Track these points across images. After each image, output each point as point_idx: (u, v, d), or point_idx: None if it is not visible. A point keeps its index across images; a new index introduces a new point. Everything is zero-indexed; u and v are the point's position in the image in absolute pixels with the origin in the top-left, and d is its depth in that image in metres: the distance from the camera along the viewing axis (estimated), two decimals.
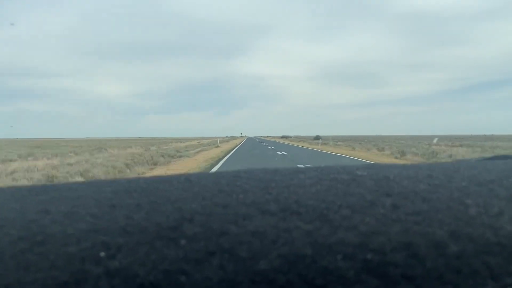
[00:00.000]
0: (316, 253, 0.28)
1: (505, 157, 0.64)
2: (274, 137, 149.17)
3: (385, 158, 19.64)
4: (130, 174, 12.89)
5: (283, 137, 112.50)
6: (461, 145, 31.76)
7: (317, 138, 57.67)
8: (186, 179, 0.45)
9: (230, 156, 21.64)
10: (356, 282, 0.26)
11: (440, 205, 0.34)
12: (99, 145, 39.03)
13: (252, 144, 44.33)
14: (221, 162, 17.00)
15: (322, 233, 0.30)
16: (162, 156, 20.27)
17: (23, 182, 9.82)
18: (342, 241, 0.29)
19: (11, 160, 18.01)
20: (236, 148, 33.48)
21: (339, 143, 43.52)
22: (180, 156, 21.69)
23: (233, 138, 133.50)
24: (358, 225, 0.30)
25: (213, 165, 15.30)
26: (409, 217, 0.32)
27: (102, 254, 0.27)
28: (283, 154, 22.59)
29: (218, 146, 37.15)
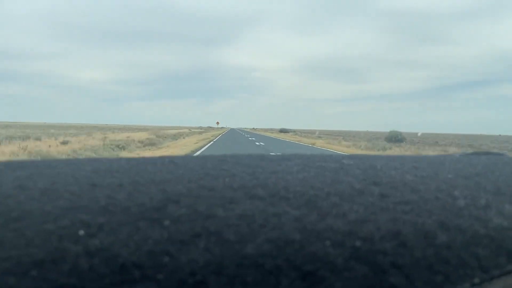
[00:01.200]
0: (305, 239, 0.27)
1: (486, 153, 0.65)
2: (265, 130, 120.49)
3: None
4: None
5: (282, 130, 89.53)
6: None
7: (394, 138, 28.54)
8: (171, 161, 0.43)
9: None
10: (345, 269, 0.26)
11: (428, 195, 0.34)
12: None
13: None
14: None
15: (311, 219, 0.29)
16: None
17: None
18: (331, 228, 0.29)
19: None
20: None
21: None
22: None
23: (210, 129, 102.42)
24: (347, 213, 0.30)
25: None
26: (398, 207, 0.32)
27: (82, 232, 0.26)
28: None
29: None
